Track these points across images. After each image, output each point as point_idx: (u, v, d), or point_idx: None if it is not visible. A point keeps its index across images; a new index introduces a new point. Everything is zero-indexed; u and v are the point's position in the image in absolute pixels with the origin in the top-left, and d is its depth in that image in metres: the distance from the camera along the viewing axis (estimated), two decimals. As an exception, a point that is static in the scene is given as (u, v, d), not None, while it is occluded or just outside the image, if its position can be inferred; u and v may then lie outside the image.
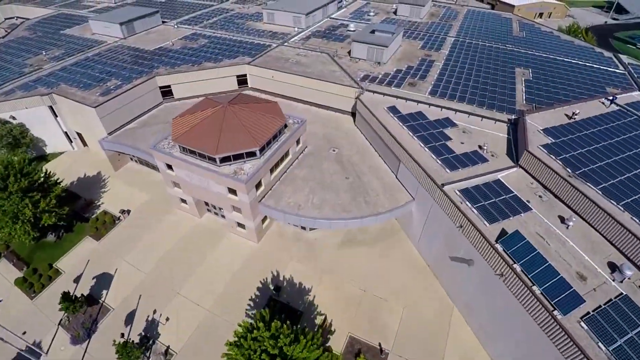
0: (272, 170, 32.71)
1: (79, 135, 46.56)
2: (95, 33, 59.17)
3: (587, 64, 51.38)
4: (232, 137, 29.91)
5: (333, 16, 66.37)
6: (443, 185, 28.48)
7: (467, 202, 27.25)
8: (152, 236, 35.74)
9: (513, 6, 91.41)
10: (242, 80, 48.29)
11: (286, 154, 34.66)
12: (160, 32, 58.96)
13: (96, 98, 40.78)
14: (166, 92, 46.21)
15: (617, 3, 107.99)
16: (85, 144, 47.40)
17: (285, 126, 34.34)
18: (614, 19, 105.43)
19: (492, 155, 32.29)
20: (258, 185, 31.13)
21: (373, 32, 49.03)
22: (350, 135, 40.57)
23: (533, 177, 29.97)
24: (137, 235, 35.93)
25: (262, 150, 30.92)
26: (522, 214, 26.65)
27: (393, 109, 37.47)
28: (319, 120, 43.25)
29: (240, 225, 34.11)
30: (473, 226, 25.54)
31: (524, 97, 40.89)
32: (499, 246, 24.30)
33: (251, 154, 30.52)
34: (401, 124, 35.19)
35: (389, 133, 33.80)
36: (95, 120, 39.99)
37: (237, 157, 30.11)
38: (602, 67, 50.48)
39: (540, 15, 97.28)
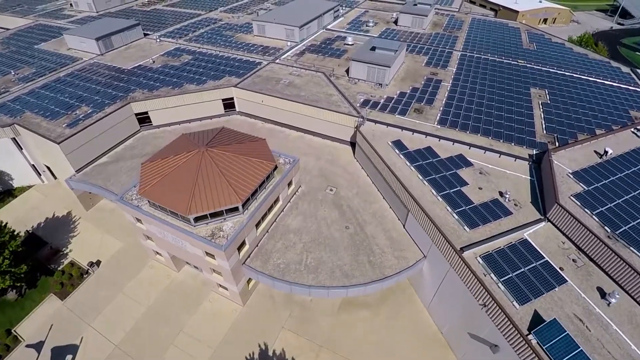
0: (258, 224, 27.27)
1: (48, 167, 41.29)
2: (71, 48, 53.10)
3: (606, 82, 46.24)
4: (209, 191, 24.29)
5: (329, 27, 60.19)
6: (462, 249, 23.42)
7: (492, 275, 22.21)
8: (123, 297, 30.31)
9: (517, 12, 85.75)
10: (229, 104, 42.58)
11: (276, 201, 29.33)
12: (141, 47, 52.87)
13: (62, 131, 35.12)
14: (144, 118, 40.48)
15: (622, 7, 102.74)
16: (55, 177, 42.01)
17: (276, 168, 29.30)
18: (619, 23, 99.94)
19: (515, 205, 27.10)
20: (241, 246, 25.74)
21: (373, 49, 43.22)
22: (350, 171, 35.06)
23: (564, 235, 24.77)
24: (107, 296, 30.56)
25: (245, 204, 25.47)
26: (556, 288, 21.48)
27: (398, 144, 32.10)
28: (314, 152, 37.68)
29: (222, 286, 28.90)
30: (500, 308, 20.66)
31: (544, 126, 35.54)
32: (533, 339, 19.34)
33: (233, 209, 25.36)
34: (409, 163, 29.82)
35: (396, 177, 28.25)
36: (61, 156, 34.93)
37: (216, 214, 24.70)
38: (621, 86, 45.48)
39: (545, 21, 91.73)
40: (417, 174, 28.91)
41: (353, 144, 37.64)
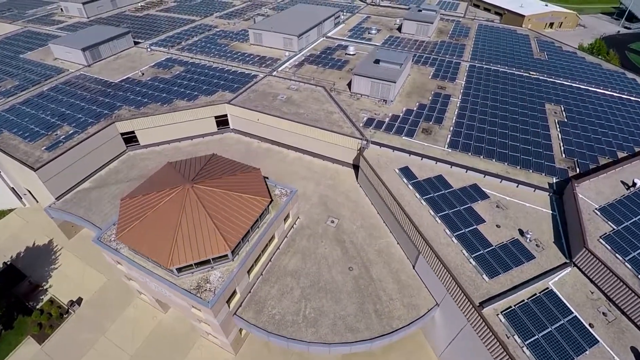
0: (251, 268, 24.05)
1: (29, 191, 38.04)
2: (57, 58, 49.54)
3: (623, 96, 43.04)
4: (194, 237, 21.03)
5: (330, 34, 56.47)
6: (482, 305, 20.39)
7: (516, 337, 19.09)
8: (105, 342, 27.14)
9: (523, 16, 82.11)
10: (222, 121, 39.12)
11: (271, 239, 25.99)
12: (131, 57, 49.23)
13: (40, 155, 31.73)
14: (131, 137, 36.90)
15: (629, 11, 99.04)
16: (37, 200, 38.45)
17: (271, 201, 26.34)
18: (626, 27, 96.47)
19: (537, 246, 23.90)
20: (232, 296, 22.46)
21: (377, 62, 39.64)
22: (353, 198, 31.69)
23: (593, 283, 21.50)
24: (88, 339, 27.47)
25: (236, 249, 22.21)
26: (587, 352, 18.34)
27: (406, 172, 28.71)
28: (314, 175, 34.33)
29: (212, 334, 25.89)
30: (529, 381, 17.86)
31: (562, 149, 32.21)
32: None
33: (221, 256, 22.06)
34: (419, 196, 26.47)
35: (405, 213, 24.92)
36: (39, 182, 31.56)
37: (202, 262, 21.69)
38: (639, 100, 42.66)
39: (551, 25, 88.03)
40: (429, 209, 25.66)
41: (356, 167, 34.41)
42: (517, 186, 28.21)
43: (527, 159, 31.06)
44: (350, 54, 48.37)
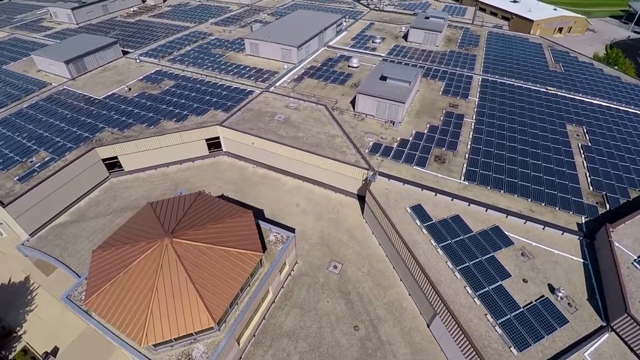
0: (241, 334, 20.46)
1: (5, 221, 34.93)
2: (40, 70, 45.58)
3: (649, 114, 39.75)
4: (172, 307, 17.34)
5: (332, 43, 52.36)
6: (515, 390, 17.50)
7: None
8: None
9: (531, 21, 77.86)
10: (214, 143, 35.18)
11: (265, 295, 22.39)
12: (118, 70, 45.16)
13: (12, 186, 28.03)
14: (114, 163, 33.16)
15: (639, 15, 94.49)
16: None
17: (265, 250, 22.76)
18: (636, 32, 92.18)
19: (570, 305, 20.26)
20: (220, 369, 19.56)
21: (384, 78, 35.70)
22: (358, 238, 27.84)
23: (634, 353, 18.01)
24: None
25: (223, 317, 18.66)
26: None
27: (419, 211, 24.92)
28: (314, 208, 30.50)
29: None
30: None
31: (589, 180, 28.54)
32: None
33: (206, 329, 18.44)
34: (435, 243, 22.75)
35: (419, 266, 21.27)
36: (10, 218, 28.10)
37: (183, 335, 18.11)
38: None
39: (560, 30, 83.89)
40: (447, 260, 22.01)
41: (361, 197, 30.73)
42: (544, 228, 24.64)
43: (552, 194, 27.47)
44: (353, 67, 44.30)
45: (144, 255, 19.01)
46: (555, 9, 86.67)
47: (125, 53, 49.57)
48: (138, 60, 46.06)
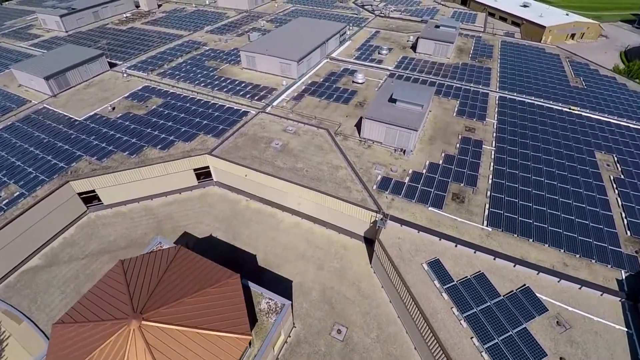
0: None
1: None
2: (21, 85, 41.39)
3: (685, 138, 35.39)
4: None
5: (335, 54, 47.82)
6: None
7: None
8: None
9: (543, 27, 72.94)
10: (203, 173, 30.98)
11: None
12: (104, 85, 40.89)
13: (-28, 227, 25.36)
14: (92, 196, 29.08)
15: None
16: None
17: (255, 322, 18.45)
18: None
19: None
20: None
21: (393, 100, 31.29)
22: (365, 292, 23.70)
23: None
24: None
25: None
26: None
27: (437, 269, 20.75)
28: (315, 253, 26.29)
29: None
30: None
31: (625, 222, 24.57)
32: None
33: None
34: (457, 312, 18.64)
35: (440, 345, 17.30)
36: (-32, 264, 24.82)
37: None
38: None
39: (573, 36, 79.46)
40: (472, 335, 17.84)
41: (368, 240, 26.66)
42: (580, 288, 20.66)
43: (587, 242, 23.21)
44: (358, 83, 39.89)
45: (107, 341, 15.23)
46: (567, 14, 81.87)
47: (112, 65, 45.40)
48: (125, 74, 41.85)
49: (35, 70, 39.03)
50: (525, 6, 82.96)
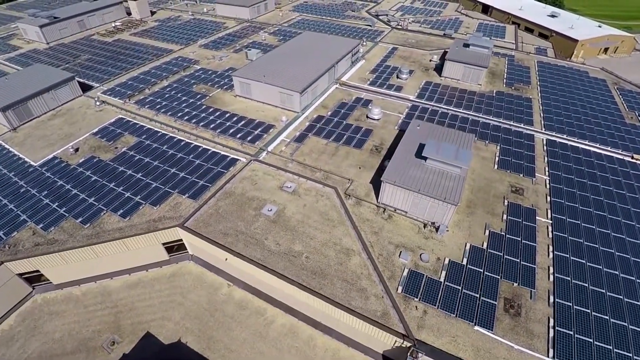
0: None
1: None
2: (-20, 111, 35.68)
3: None
4: None
5: (345, 78, 39.19)
6: None
7: None
8: None
9: (576, 41, 63.29)
10: (176, 245, 23.15)
11: None
12: (72, 115, 33.21)
13: None
14: (38, 275, 22.02)
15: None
16: None
17: None
18: (690, 50, 77.34)
19: None
20: None
21: (423, 157, 22.96)
22: None
23: None
24: None
25: None
26: None
27: None
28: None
29: None
30: None
31: None
32: None
33: None
34: None
35: None
36: None
37: None
38: None
39: (606, 50, 69.93)
40: None
41: (387, 359, 18.85)
42: None
43: None
44: (374, 119, 31.64)
45: None
46: (599, 26, 72.08)
47: (87, 88, 37.60)
48: (98, 103, 33.98)
49: (-11, 98, 32.54)
50: (553, 16, 72.90)
